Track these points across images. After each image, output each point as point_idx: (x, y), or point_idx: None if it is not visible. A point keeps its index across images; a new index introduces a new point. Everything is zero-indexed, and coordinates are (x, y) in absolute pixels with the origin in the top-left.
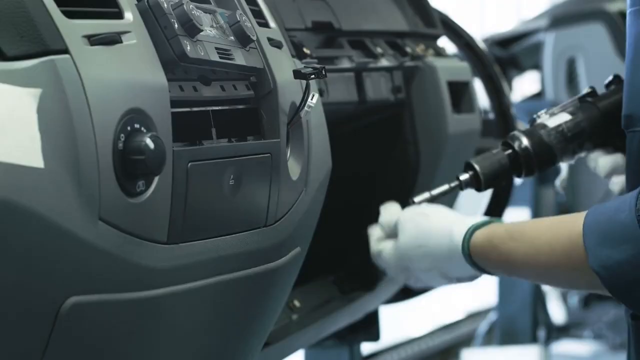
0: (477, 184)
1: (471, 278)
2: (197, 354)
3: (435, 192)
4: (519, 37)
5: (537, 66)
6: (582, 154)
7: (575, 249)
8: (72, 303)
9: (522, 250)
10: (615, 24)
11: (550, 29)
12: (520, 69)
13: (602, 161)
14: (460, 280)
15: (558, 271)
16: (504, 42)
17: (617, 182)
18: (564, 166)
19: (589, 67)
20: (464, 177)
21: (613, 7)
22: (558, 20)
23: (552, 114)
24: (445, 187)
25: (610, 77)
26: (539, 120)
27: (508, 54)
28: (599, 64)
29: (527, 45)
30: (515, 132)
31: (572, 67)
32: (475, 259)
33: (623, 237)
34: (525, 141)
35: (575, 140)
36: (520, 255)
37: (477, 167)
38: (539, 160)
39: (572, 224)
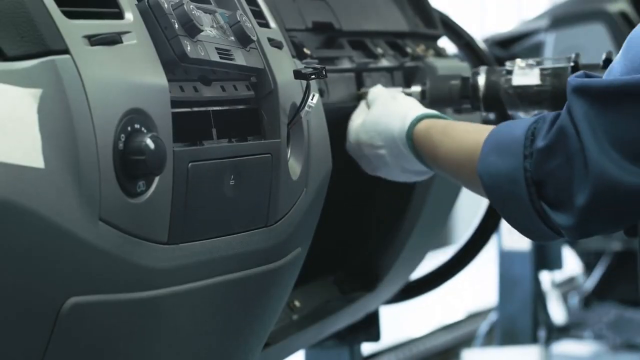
0: (423, 97)
1: (418, 173)
2: (197, 354)
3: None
4: (520, 38)
5: None
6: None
7: (476, 153)
8: (73, 303)
9: (447, 144)
10: (616, 24)
11: (551, 29)
12: None
13: None
14: (407, 172)
15: (463, 171)
16: (505, 43)
17: None
18: None
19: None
20: (416, 88)
21: (613, 8)
22: (558, 20)
23: (527, 68)
24: (398, 89)
25: (604, 56)
26: (510, 68)
27: (509, 54)
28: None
29: (527, 45)
30: (481, 70)
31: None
32: (415, 145)
33: (510, 149)
34: (481, 81)
35: (529, 105)
36: (444, 149)
37: (428, 83)
38: (486, 105)
39: (486, 129)
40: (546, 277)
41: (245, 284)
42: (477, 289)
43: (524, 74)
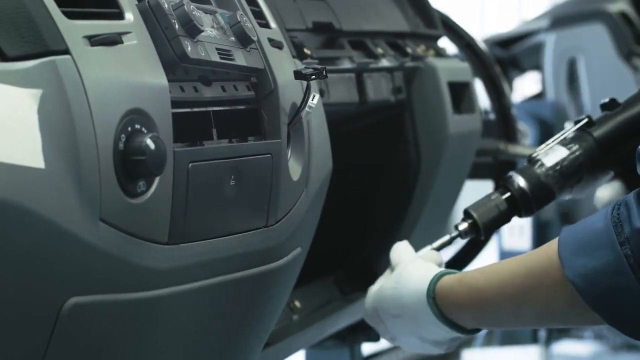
0: (476, 232)
1: (437, 343)
2: (197, 354)
3: (437, 244)
4: (520, 38)
5: (537, 67)
6: (580, 185)
7: (552, 264)
8: (73, 304)
9: (496, 279)
10: (616, 24)
11: (551, 29)
12: (521, 69)
13: (600, 193)
14: (426, 342)
15: (535, 292)
16: (505, 43)
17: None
18: None
19: (589, 67)
20: (463, 226)
21: (614, 8)
22: (559, 20)
23: (549, 149)
24: (446, 237)
25: (606, 100)
26: (536, 157)
27: (509, 55)
28: (599, 64)
29: (527, 45)
30: (512, 174)
31: (572, 68)
32: (442, 305)
33: (598, 244)
34: (522, 182)
35: (573, 176)
36: (494, 285)
37: (475, 215)
38: (537, 200)
39: (549, 245)
40: None
41: (245, 285)
42: None
43: (551, 153)
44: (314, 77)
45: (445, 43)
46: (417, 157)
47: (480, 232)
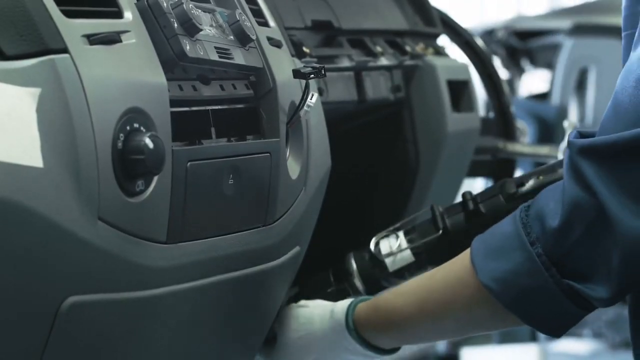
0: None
1: None
2: (196, 353)
3: None
4: (539, 33)
5: (550, 65)
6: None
7: (468, 272)
8: (71, 302)
9: (413, 298)
10: None
11: (571, 34)
12: (534, 64)
13: None
14: None
15: (455, 304)
16: (523, 34)
17: None
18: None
19: (599, 79)
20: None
21: None
22: (580, 28)
23: (394, 253)
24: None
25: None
26: (379, 256)
27: (525, 47)
28: (610, 78)
29: (544, 43)
30: (353, 271)
31: (583, 76)
32: (362, 332)
33: (509, 246)
34: (359, 284)
35: (417, 270)
36: (412, 304)
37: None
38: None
39: (463, 255)
40: None
41: (244, 283)
42: None
43: (398, 258)
44: (312, 75)
45: (445, 41)
46: (416, 155)
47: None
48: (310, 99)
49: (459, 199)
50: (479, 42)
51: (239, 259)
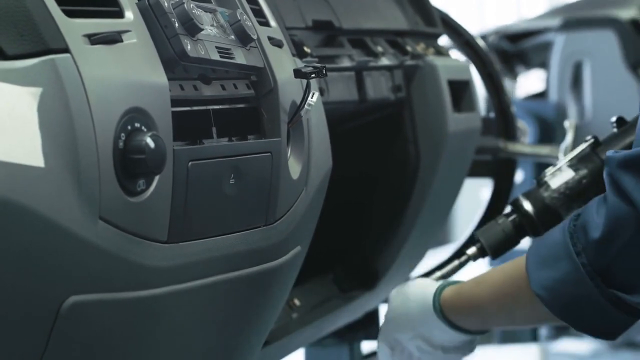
0: (484, 255)
1: (458, 349)
2: (197, 352)
3: (446, 270)
4: (530, 34)
5: (544, 65)
6: None
7: (524, 278)
8: (72, 302)
9: (489, 289)
10: (626, 32)
11: (561, 30)
12: (527, 65)
13: None
14: (446, 350)
15: (522, 303)
16: (514, 37)
17: None
18: (569, 136)
19: (595, 72)
20: (472, 251)
21: (625, 14)
22: (570, 23)
23: (557, 171)
24: (455, 263)
25: (614, 118)
26: (543, 178)
27: (516, 49)
28: (605, 70)
29: (536, 43)
30: (520, 197)
31: (578, 71)
32: (448, 314)
33: (558, 255)
34: (528, 206)
35: (580, 198)
36: (487, 294)
37: (481, 239)
38: (543, 223)
39: (519, 259)
40: None
41: (245, 283)
42: None
43: (558, 175)
44: (313, 75)
45: (445, 41)
46: (416, 155)
47: (487, 255)
48: (311, 99)
49: (459, 198)
50: (480, 42)
51: (240, 258)
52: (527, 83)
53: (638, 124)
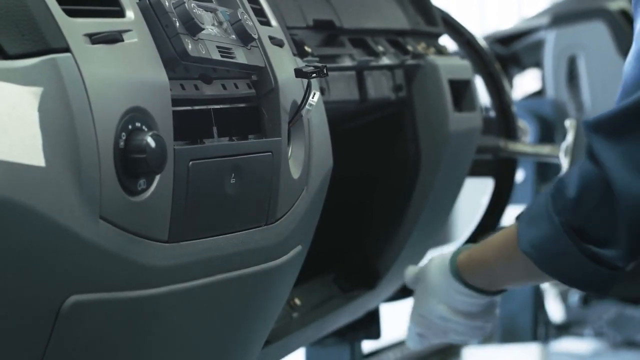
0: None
1: (478, 314)
2: (197, 352)
3: None
4: (520, 35)
5: (538, 64)
6: None
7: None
8: (73, 302)
9: (492, 249)
10: (617, 22)
11: (551, 27)
12: (522, 66)
13: None
14: (467, 316)
15: (516, 262)
16: (505, 40)
17: None
18: (569, 136)
19: (589, 65)
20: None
21: (614, 5)
22: (559, 18)
23: None
24: None
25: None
26: None
27: (509, 52)
28: (600, 62)
29: (528, 43)
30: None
31: (573, 66)
32: (462, 275)
33: (540, 215)
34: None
35: None
36: (491, 254)
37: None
38: None
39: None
40: None
41: (245, 282)
42: None
43: None
44: (314, 75)
45: (446, 41)
46: (417, 154)
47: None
48: (312, 98)
49: (459, 199)
50: (481, 41)
51: (241, 258)
52: (523, 84)
53: (621, 84)
